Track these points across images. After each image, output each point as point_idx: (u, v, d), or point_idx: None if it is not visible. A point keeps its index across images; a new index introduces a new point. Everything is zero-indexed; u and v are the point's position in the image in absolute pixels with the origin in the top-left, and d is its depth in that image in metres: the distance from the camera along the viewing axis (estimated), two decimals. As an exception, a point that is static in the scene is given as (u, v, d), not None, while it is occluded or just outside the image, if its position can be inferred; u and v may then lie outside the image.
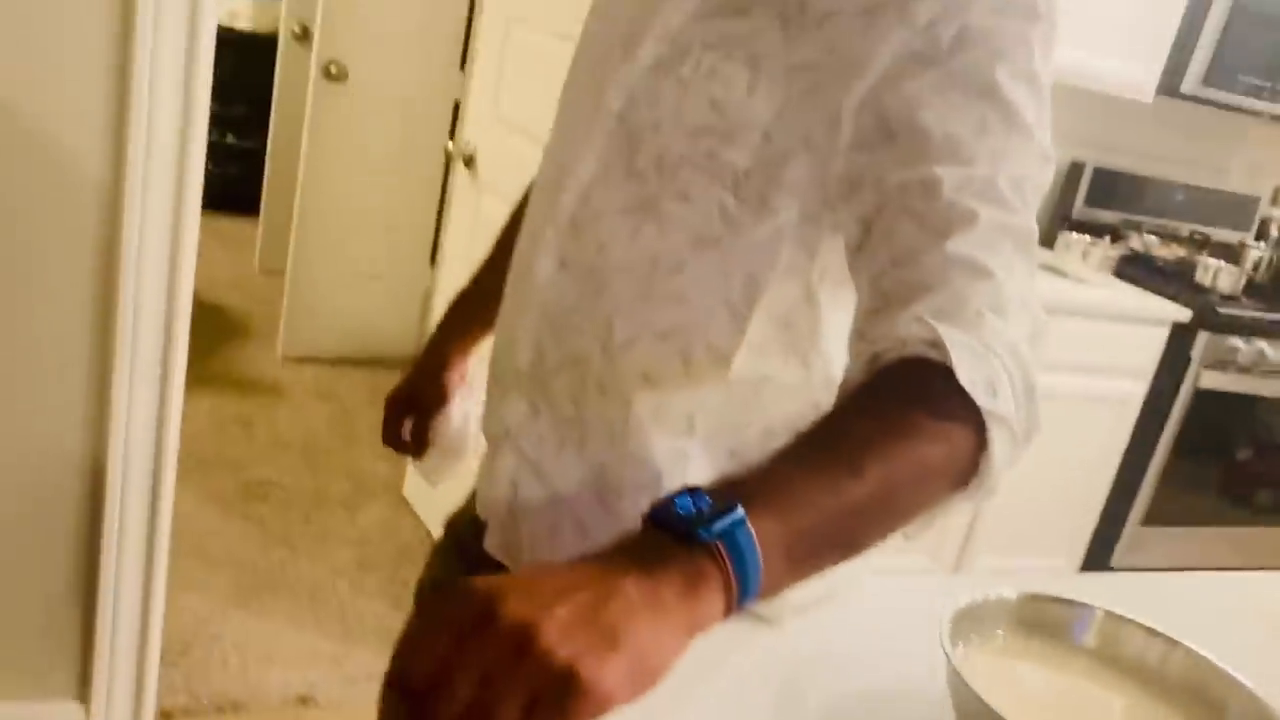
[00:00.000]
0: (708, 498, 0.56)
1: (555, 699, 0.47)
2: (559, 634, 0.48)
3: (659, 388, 0.86)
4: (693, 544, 0.54)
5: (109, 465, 1.71)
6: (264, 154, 4.22)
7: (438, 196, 3.71)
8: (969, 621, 0.80)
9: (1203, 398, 2.76)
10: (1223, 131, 3.35)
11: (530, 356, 0.95)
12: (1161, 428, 2.78)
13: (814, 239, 0.81)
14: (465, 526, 1.11)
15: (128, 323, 1.64)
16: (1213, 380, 2.75)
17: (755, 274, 0.82)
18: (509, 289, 1.02)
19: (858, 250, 0.76)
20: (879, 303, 0.72)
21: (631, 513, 0.91)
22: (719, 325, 0.84)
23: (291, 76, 4.04)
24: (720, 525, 0.54)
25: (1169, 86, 2.78)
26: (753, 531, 0.55)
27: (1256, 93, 2.86)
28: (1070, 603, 0.84)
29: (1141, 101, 2.79)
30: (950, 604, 0.78)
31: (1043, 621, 0.84)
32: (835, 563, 0.62)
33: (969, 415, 0.64)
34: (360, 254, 3.66)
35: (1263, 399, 2.88)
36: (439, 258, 3.75)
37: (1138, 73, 2.72)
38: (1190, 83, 2.77)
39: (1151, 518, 2.89)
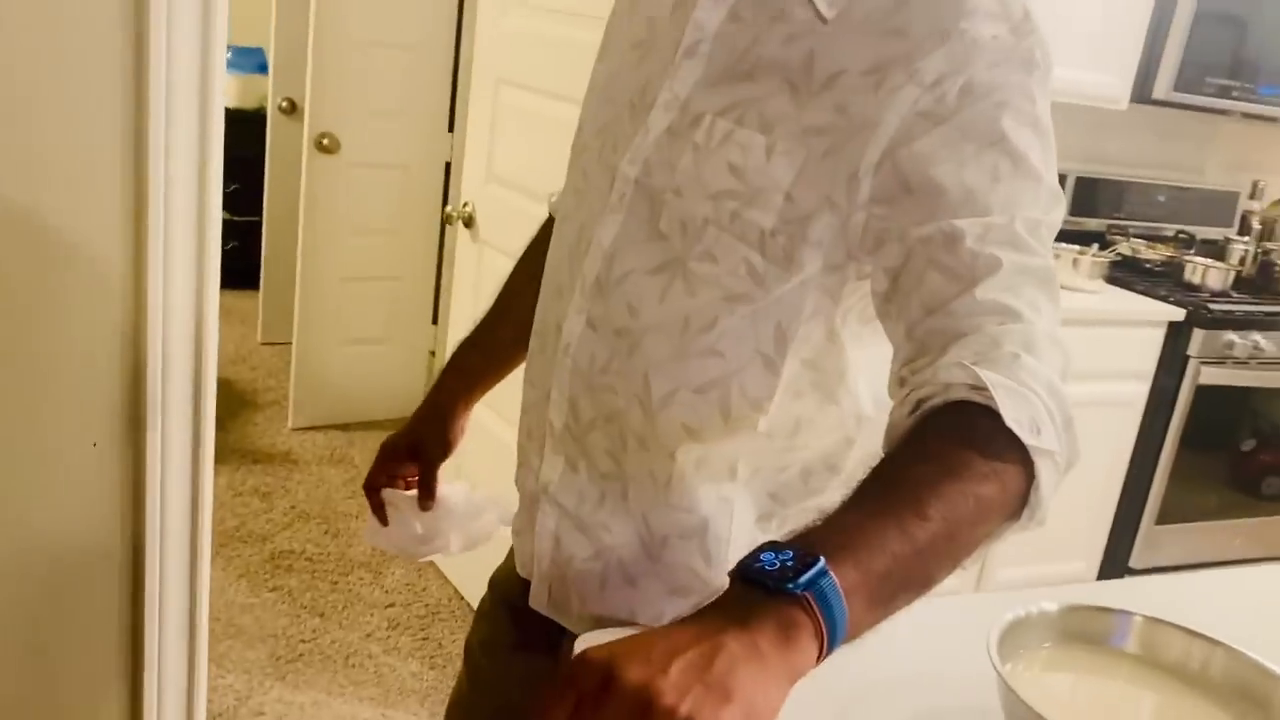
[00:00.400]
0: (790, 551, 0.60)
1: None
2: (676, 693, 0.53)
3: (701, 439, 0.90)
4: (782, 597, 0.58)
5: (146, 547, 1.74)
6: (259, 228, 4.28)
7: (435, 257, 3.77)
8: (1015, 636, 0.84)
9: (1204, 393, 2.80)
10: (1196, 132, 3.43)
11: (564, 415, 0.98)
12: (1166, 427, 2.82)
13: (838, 286, 0.85)
14: (510, 585, 1.14)
15: (156, 405, 1.68)
16: (1212, 375, 2.79)
17: (783, 323, 0.86)
18: (535, 350, 1.06)
19: (887, 300, 0.80)
20: (916, 351, 0.76)
21: (678, 560, 0.95)
22: (754, 375, 0.88)
23: (282, 150, 4.10)
24: (806, 577, 0.58)
25: (1141, 93, 2.85)
26: (836, 580, 0.59)
27: (1225, 93, 2.93)
28: (1110, 610, 0.88)
29: (1116, 110, 2.86)
30: (996, 621, 0.82)
31: (1085, 631, 0.87)
32: (910, 601, 0.66)
33: (1016, 452, 0.68)
34: (363, 319, 3.71)
35: (1261, 390, 2.92)
36: (441, 317, 3.81)
37: (1110, 83, 2.79)
38: (1161, 88, 2.84)
39: (1165, 516, 2.93)
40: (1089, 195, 3.20)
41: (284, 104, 4.07)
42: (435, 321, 3.86)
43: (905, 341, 0.78)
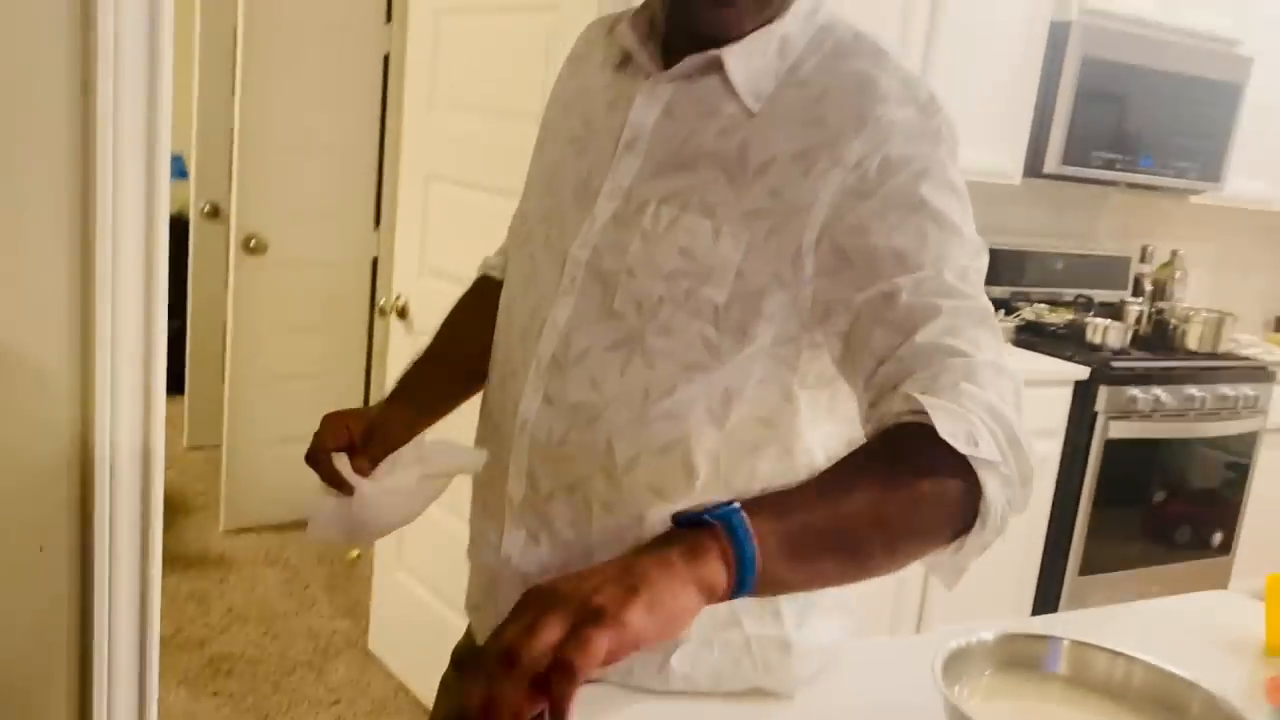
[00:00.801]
0: (737, 513, 0.70)
1: (590, 623, 0.62)
2: (594, 591, 0.64)
3: (667, 498, 0.96)
4: (696, 526, 0.69)
5: (95, 651, 1.72)
6: (183, 333, 4.26)
7: (365, 351, 3.80)
8: (957, 665, 0.91)
9: (1113, 447, 2.95)
10: (1087, 203, 3.66)
11: (524, 489, 1.03)
12: (1082, 480, 2.96)
13: (793, 356, 0.93)
14: (472, 657, 1.18)
15: (104, 508, 1.68)
16: (1119, 429, 2.95)
17: (730, 388, 0.93)
18: (486, 432, 1.10)
19: (843, 360, 0.89)
20: (874, 397, 0.85)
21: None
22: (708, 433, 0.94)
23: (205, 253, 4.12)
24: (718, 513, 0.69)
25: (1033, 168, 3.05)
26: (747, 519, 0.69)
27: (1109, 165, 3.15)
28: (1042, 637, 0.96)
29: (1012, 184, 3.06)
30: (939, 651, 0.89)
31: (1021, 657, 0.95)
32: (839, 565, 0.76)
33: (956, 464, 0.76)
34: (292, 417, 3.67)
35: (1166, 442, 3.09)
36: (372, 410, 3.82)
37: (1003, 159, 2.99)
38: (1051, 163, 3.04)
39: (1087, 568, 3.05)
40: (992, 265, 3.30)
41: (206, 208, 4.10)
42: (367, 416, 3.87)
43: (864, 392, 0.87)
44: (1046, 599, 3.04)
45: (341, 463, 1.06)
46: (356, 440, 1.09)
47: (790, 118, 0.91)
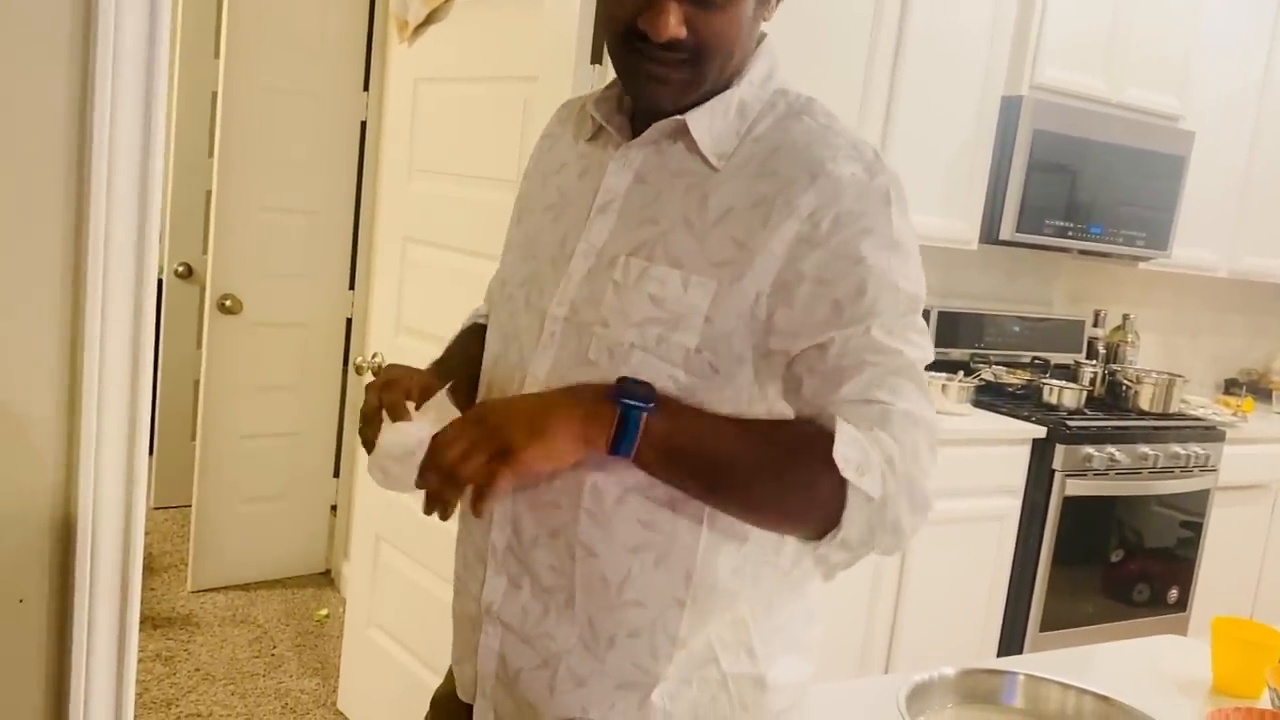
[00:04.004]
0: (651, 392, 0.95)
1: (500, 459, 0.91)
2: (512, 429, 0.92)
3: (658, 530, 1.01)
4: (606, 399, 0.93)
5: (70, 709, 1.72)
6: (153, 392, 4.26)
7: (338, 410, 3.82)
8: (920, 699, 0.97)
9: (1071, 504, 3.04)
10: (1041, 269, 3.79)
11: (506, 536, 1.07)
12: (1041, 537, 3.03)
13: (767, 382, 1.01)
14: (453, 708, 1.21)
15: (85, 563, 1.70)
16: (1076, 487, 3.04)
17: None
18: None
19: (784, 395, 0.99)
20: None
21: (624, 660, 1.04)
22: None
23: (177, 313, 4.15)
24: (629, 403, 0.93)
25: (988, 235, 3.17)
26: (643, 418, 0.92)
27: (1062, 233, 3.28)
28: (999, 672, 1.02)
29: (969, 250, 3.18)
30: (903, 685, 0.95)
31: (979, 691, 1.01)
32: (699, 489, 0.97)
33: (836, 477, 0.90)
34: (263, 477, 3.71)
35: (1122, 500, 3.18)
36: (343, 470, 3.84)
37: (961, 226, 3.11)
38: (1006, 230, 3.16)
39: (1048, 623, 3.11)
40: (952, 328, 3.48)
41: (180, 268, 4.14)
42: (337, 475, 3.89)
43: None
44: (1010, 653, 3.10)
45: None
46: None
47: (747, 170, 1.00)
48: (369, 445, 1.04)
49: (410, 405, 1.03)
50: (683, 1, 0.97)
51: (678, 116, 1.02)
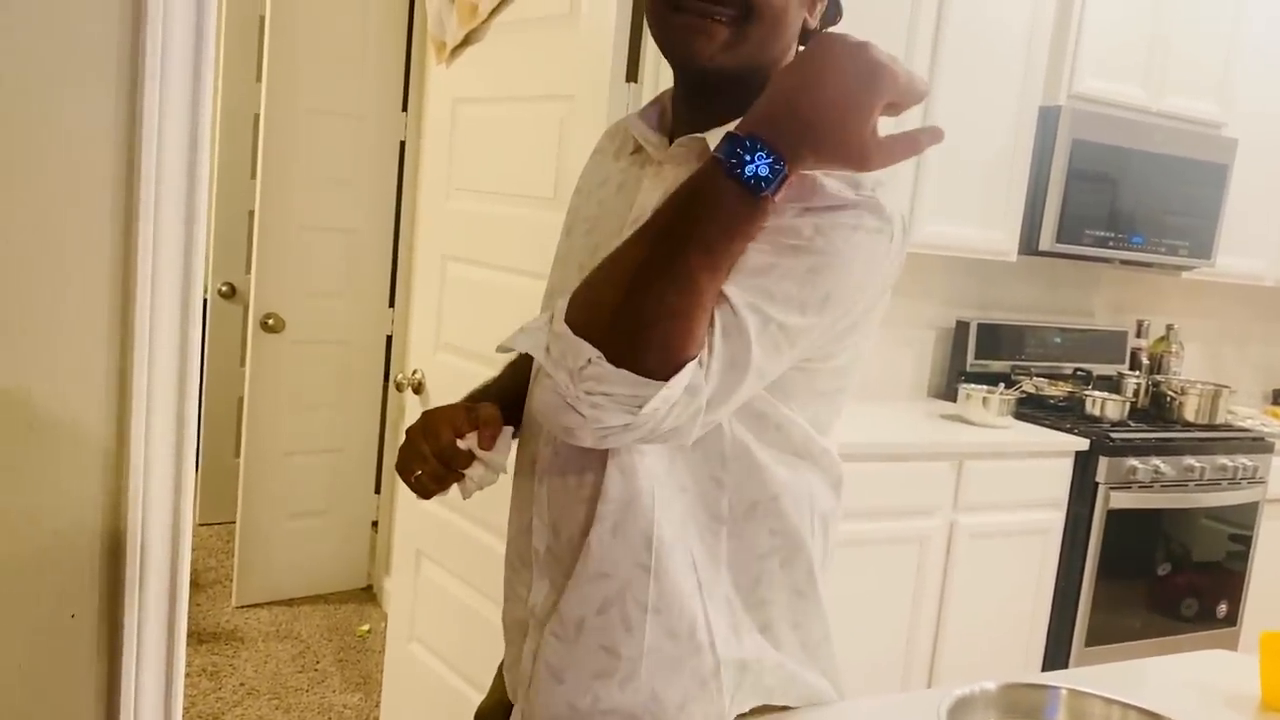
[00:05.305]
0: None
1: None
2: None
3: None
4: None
5: (119, 723, 1.76)
6: (198, 411, 4.33)
7: (378, 426, 3.86)
8: (961, 713, 0.96)
9: (1115, 518, 3.00)
10: (1082, 279, 3.75)
11: (547, 538, 1.10)
12: (1085, 550, 2.99)
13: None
14: (495, 714, 1.23)
15: (134, 578, 1.73)
16: (1120, 500, 3.00)
17: None
18: (517, 494, 1.18)
19: None
20: None
21: (593, 641, 1.04)
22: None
23: (222, 332, 4.22)
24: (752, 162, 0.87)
25: (1028, 246, 3.15)
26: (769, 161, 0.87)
27: (1102, 243, 3.25)
28: (1041, 686, 1.01)
29: (1009, 261, 3.15)
30: (944, 699, 0.95)
31: (1022, 706, 1.00)
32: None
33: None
34: (306, 492, 3.76)
35: (1169, 513, 3.13)
36: (384, 486, 3.87)
37: (999, 238, 3.09)
38: (1045, 241, 3.14)
39: (1093, 638, 3.07)
40: (993, 340, 3.46)
41: (224, 288, 4.21)
42: (378, 491, 3.92)
43: None
44: (1053, 669, 3.06)
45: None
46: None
47: None
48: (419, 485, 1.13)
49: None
50: None
51: (698, 134, 1.04)
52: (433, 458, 1.09)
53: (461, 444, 1.08)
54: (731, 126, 1.00)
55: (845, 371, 1.07)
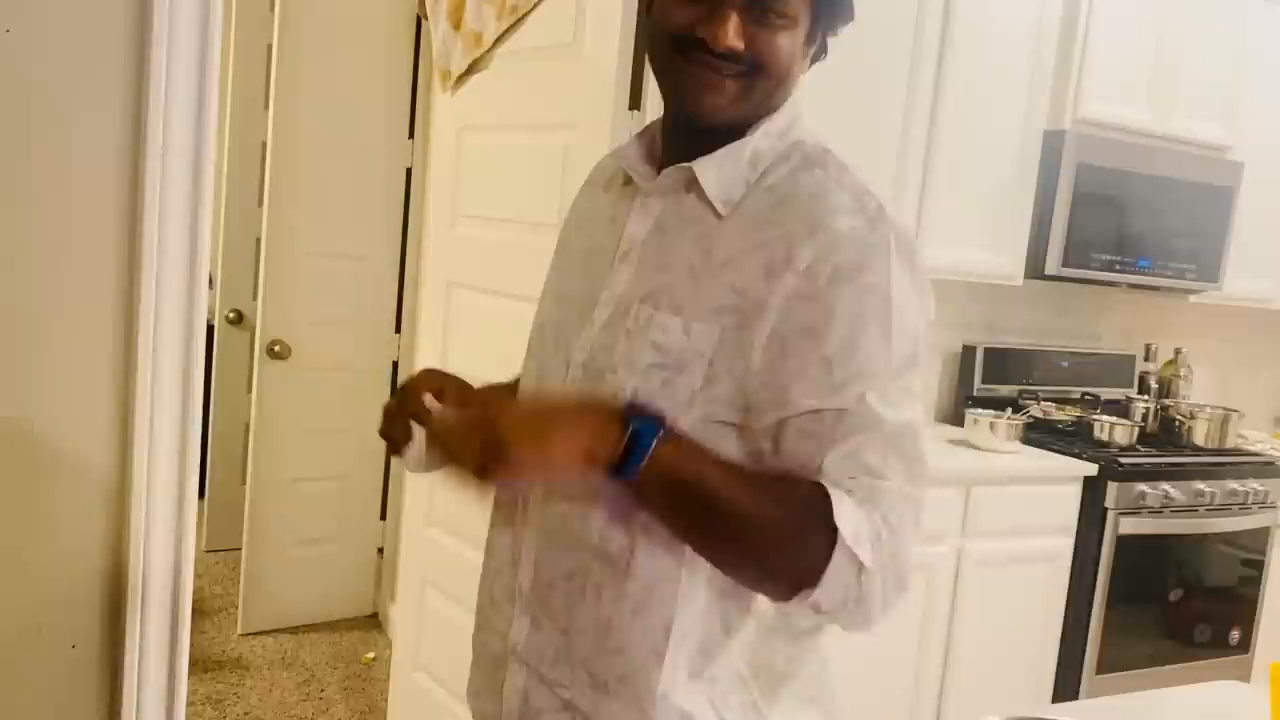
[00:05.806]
0: (662, 418, 0.94)
1: (494, 458, 0.91)
2: (514, 432, 0.92)
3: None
4: (621, 421, 0.92)
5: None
6: (204, 437, 4.33)
7: (384, 453, 3.85)
8: (968, 748, 0.95)
9: (1126, 543, 2.97)
10: (1089, 303, 3.74)
11: (531, 576, 1.09)
12: (1095, 576, 2.97)
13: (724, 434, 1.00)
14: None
15: (135, 609, 1.73)
16: (1130, 525, 2.97)
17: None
18: (499, 520, 1.17)
19: (772, 455, 0.97)
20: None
21: (620, 708, 1.03)
22: None
23: (228, 359, 4.22)
24: (640, 429, 0.92)
25: (1034, 270, 3.14)
26: (653, 447, 0.91)
27: (1109, 267, 3.23)
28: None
29: (1015, 285, 3.15)
30: (950, 734, 0.93)
31: (1027, 739, 0.99)
32: (684, 520, 0.96)
33: (830, 537, 0.91)
34: (312, 520, 3.74)
35: (1180, 539, 3.11)
36: (390, 512, 3.86)
37: (1005, 261, 3.08)
38: (1052, 265, 3.13)
39: (1105, 666, 3.03)
40: (1000, 365, 3.44)
41: (231, 315, 4.22)
42: (384, 517, 3.91)
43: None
44: (1065, 697, 3.02)
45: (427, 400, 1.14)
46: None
47: (753, 219, 1.01)
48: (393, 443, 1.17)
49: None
50: (743, 16, 0.98)
51: (685, 165, 1.05)
52: (400, 394, 1.16)
53: (428, 402, 1.11)
54: (714, 158, 1.01)
55: None
